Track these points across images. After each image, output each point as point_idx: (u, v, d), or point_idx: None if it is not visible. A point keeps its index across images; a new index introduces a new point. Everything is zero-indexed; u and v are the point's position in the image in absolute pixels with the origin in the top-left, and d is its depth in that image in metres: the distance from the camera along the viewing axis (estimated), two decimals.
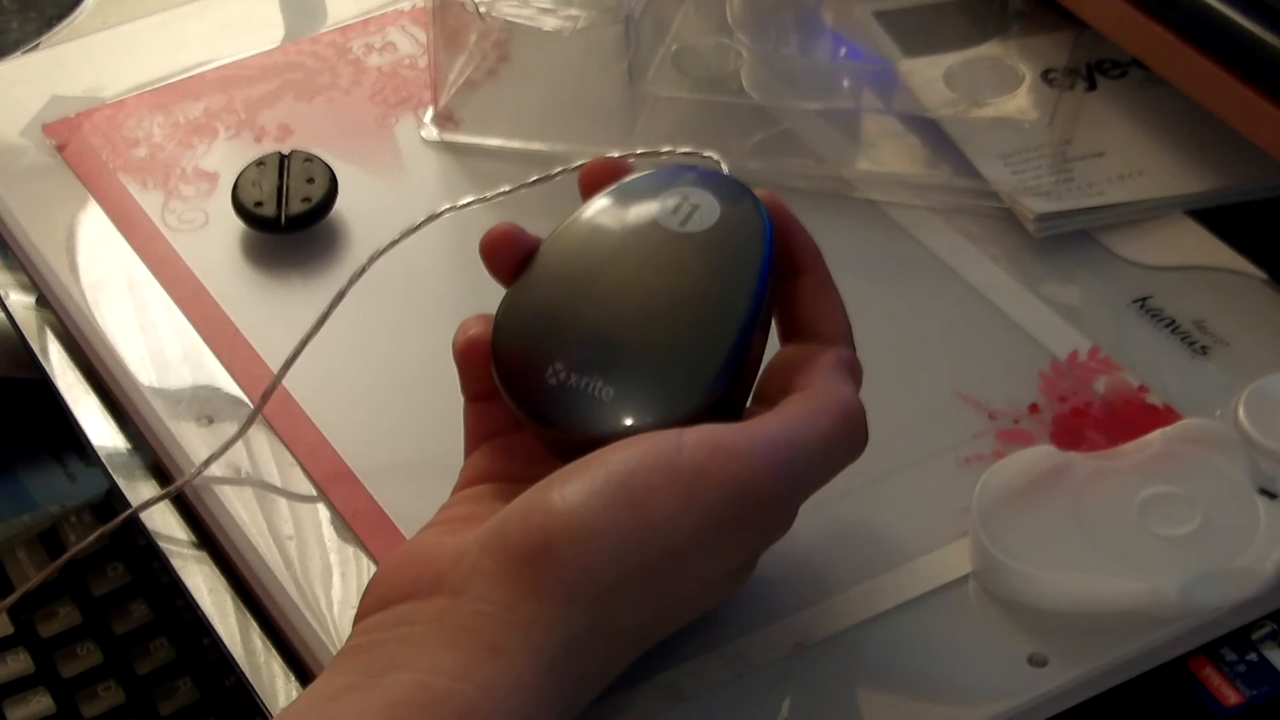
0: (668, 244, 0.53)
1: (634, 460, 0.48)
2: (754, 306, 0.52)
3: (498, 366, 0.53)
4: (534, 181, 0.60)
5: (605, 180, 0.55)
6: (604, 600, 0.47)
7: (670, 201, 0.54)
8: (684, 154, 0.59)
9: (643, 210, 0.54)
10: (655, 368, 0.51)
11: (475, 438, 0.55)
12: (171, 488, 0.61)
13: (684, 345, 0.51)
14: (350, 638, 0.48)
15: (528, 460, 0.52)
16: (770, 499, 0.49)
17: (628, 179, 0.55)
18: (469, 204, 0.60)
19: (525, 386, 0.52)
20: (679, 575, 0.48)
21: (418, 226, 0.60)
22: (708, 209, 0.53)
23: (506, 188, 0.60)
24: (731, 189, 0.54)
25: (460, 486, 0.54)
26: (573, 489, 0.47)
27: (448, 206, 0.60)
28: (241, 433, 0.61)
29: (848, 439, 0.51)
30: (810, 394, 0.51)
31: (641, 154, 0.59)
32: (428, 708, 0.44)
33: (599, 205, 0.54)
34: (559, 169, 0.59)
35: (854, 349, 0.54)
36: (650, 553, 0.47)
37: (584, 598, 0.46)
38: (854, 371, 0.53)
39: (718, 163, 0.57)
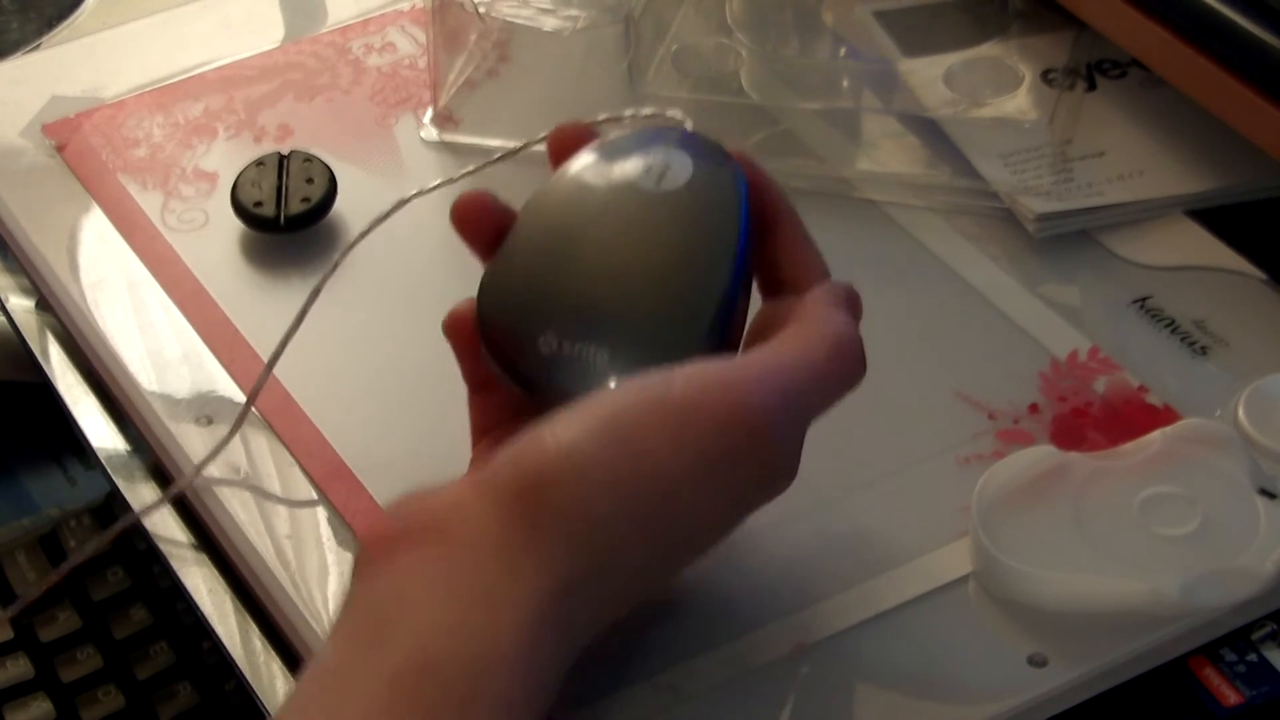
0: (646, 204, 0.53)
1: (625, 399, 0.47)
2: (739, 256, 0.52)
3: (486, 340, 0.52)
4: (498, 158, 0.60)
5: (572, 146, 0.55)
6: (598, 539, 0.46)
7: (642, 162, 0.53)
8: (647, 116, 0.59)
9: (616, 173, 0.53)
10: (648, 326, 0.51)
11: (478, 431, 0.55)
12: (169, 491, 0.61)
13: (675, 301, 0.51)
14: (349, 591, 0.47)
15: None
16: (763, 430, 0.48)
17: (595, 144, 0.55)
18: (436, 186, 0.60)
19: (516, 357, 0.51)
20: (673, 514, 0.47)
21: (385, 216, 0.59)
22: (680, 167, 0.53)
23: (471, 167, 0.60)
24: (700, 146, 0.54)
25: None
26: (563, 428, 0.47)
27: (416, 191, 0.60)
28: (235, 430, 0.60)
29: (842, 368, 0.50)
30: (800, 327, 0.50)
31: (605, 119, 0.58)
32: (429, 672, 0.44)
33: (571, 172, 0.54)
34: (521, 143, 0.59)
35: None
36: (644, 488, 0.46)
37: (578, 535, 0.46)
38: (850, 302, 0.52)
39: (682, 121, 0.57)
